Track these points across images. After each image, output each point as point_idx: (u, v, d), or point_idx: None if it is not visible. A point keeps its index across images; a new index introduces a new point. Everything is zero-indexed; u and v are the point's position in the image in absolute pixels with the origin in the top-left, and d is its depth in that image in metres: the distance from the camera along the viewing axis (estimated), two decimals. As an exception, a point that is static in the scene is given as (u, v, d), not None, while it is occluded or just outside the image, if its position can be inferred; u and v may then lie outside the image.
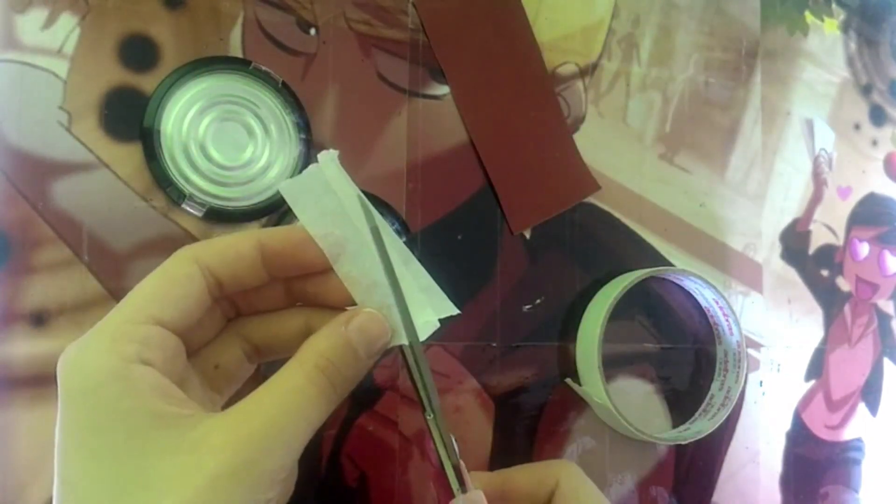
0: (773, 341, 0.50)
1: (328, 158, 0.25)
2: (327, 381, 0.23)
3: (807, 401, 0.50)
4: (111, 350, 0.22)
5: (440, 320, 0.26)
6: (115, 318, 0.23)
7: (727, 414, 0.45)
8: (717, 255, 0.48)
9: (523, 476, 0.32)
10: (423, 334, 0.25)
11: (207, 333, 0.27)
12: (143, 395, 0.21)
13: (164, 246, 0.37)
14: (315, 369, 0.23)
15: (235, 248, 0.25)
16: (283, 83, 0.39)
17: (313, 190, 0.25)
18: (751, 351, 0.49)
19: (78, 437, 0.21)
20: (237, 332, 0.27)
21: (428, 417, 0.26)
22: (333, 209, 0.25)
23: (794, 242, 0.51)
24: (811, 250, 0.51)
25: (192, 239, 0.38)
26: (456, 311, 0.26)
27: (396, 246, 0.26)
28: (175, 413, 0.22)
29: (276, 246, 0.25)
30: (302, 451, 0.23)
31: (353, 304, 0.26)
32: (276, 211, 0.39)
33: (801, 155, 0.52)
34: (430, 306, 0.26)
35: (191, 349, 0.26)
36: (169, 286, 0.24)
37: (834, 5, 0.53)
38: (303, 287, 0.26)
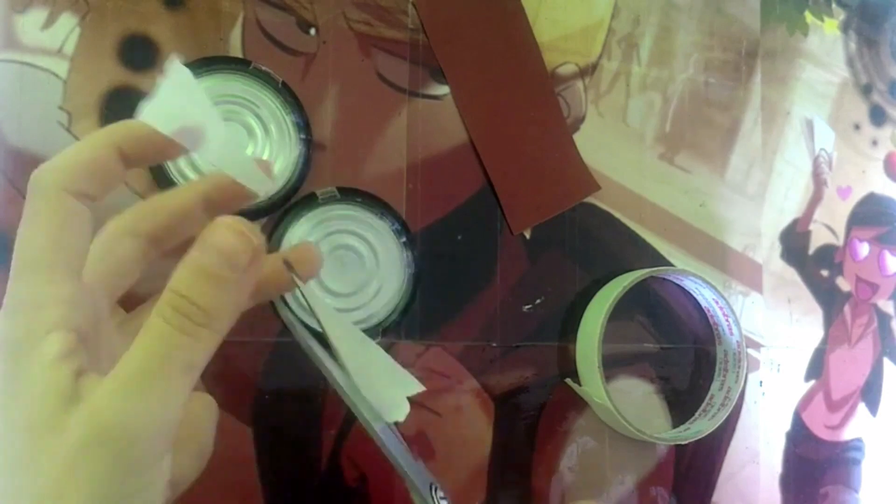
0: (773, 341, 0.50)
1: (176, 67, 0.23)
2: (182, 317, 0.21)
3: (807, 401, 0.50)
4: (25, 311, 0.21)
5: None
6: (34, 279, 0.22)
7: (727, 414, 0.45)
8: (717, 255, 0.48)
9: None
10: (399, 416, 0.25)
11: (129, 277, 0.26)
12: (50, 366, 0.21)
13: (164, 246, 0.37)
14: (168, 308, 0.21)
15: (89, 156, 0.24)
16: (283, 83, 0.39)
17: (175, 104, 0.24)
18: (751, 351, 0.49)
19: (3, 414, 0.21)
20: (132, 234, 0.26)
21: (414, 498, 0.26)
22: (199, 114, 0.24)
23: (793, 242, 0.51)
24: (811, 250, 0.51)
25: (192, 239, 0.38)
26: (422, 389, 0.25)
27: (350, 335, 0.25)
28: (75, 385, 0.21)
29: (130, 144, 0.24)
30: (182, 402, 0.21)
31: None
32: (275, 211, 0.39)
33: (801, 155, 0.52)
34: (397, 388, 0.25)
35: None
36: (59, 231, 0.23)
37: (834, 5, 0.53)
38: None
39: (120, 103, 0.37)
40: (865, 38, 0.54)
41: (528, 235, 0.44)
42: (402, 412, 0.25)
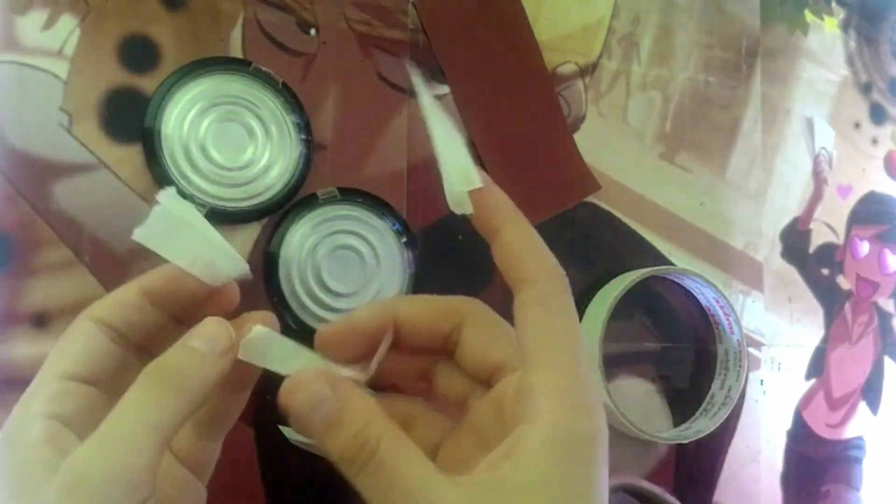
0: (774, 340, 0.50)
1: (168, 196, 0.26)
2: (154, 378, 0.24)
3: (808, 399, 0.50)
4: (20, 409, 0.25)
5: None
6: (34, 381, 0.26)
7: (728, 413, 0.45)
8: (718, 254, 0.48)
9: (418, 308, 0.28)
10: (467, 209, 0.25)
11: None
12: (34, 446, 0.24)
13: (165, 247, 0.37)
14: (144, 374, 0.24)
15: (120, 298, 0.27)
16: (284, 84, 0.39)
17: (166, 227, 0.27)
18: (751, 350, 0.49)
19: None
20: None
21: None
22: (191, 238, 0.27)
23: (794, 241, 0.51)
24: (811, 249, 0.51)
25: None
26: (481, 184, 0.25)
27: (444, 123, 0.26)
28: (57, 459, 0.23)
29: (155, 285, 0.27)
30: (151, 459, 0.24)
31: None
32: (276, 211, 0.39)
33: (801, 154, 0.52)
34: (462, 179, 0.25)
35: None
36: (71, 344, 0.26)
37: (833, 4, 0.53)
38: (198, 315, 0.28)
39: (120, 104, 0.37)
40: (865, 37, 0.54)
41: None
42: (468, 205, 0.25)
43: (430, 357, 0.28)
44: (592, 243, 0.45)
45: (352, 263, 0.40)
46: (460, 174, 0.25)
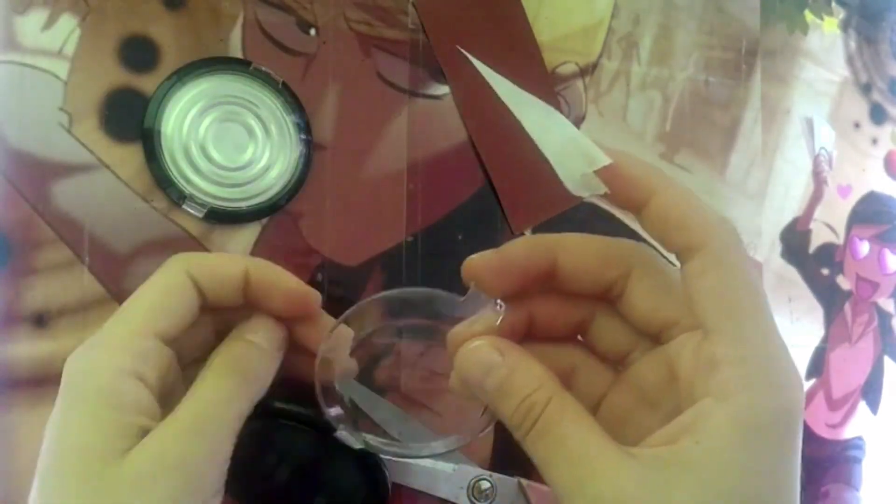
0: (774, 340, 0.50)
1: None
2: (236, 372, 0.25)
3: (807, 399, 0.50)
4: (109, 361, 0.24)
5: None
6: (118, 328, 0.25)
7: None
8: (718, 254, 0.48)
9: (582, 249, 0.25)
10: (599, 188, 0.23)
11: (196, 343, 0.28)
12: (124, 409, 0.23)
13: (165, 247, 0.37)
14: (223, 365, 0.25)
15: (226, 267, 0.27)
16: (284, 84, 0.39)
17: None
18: (751, 350, 0.49)
19: (60, 436, 0.23)
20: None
21: None
22: None
23: (794, 241, 0.51)
24: (811, 249, 0.51)
25: (192, 239, 0.38)
26: (609, 161, 0.23)
27: (532, 106, 0.25)
28: (139, 433, 0.23)
29: (259, 276, 0.27)
30: (232, 445, 0.24)
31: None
32: (276, 211, 0.39)
33: (801, 153, 0.52)
34: (584, 161, 0.23)
35: (182, 360, 0.27)
36: (165, 297, 0.25)
37: (833, 4, 0.53)
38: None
39: (120, 104, 0.37)
40: (865, 37, 0.54)
41: (528, 235, 0.44)
42: (598, 185, 0.23)
43: (591, 305, 0.25)
44: (592, 243, 0.45)
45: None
46: (580, 157, 0.23)
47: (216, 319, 0.29)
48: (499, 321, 0.24)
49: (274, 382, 0.28)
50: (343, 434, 0.29)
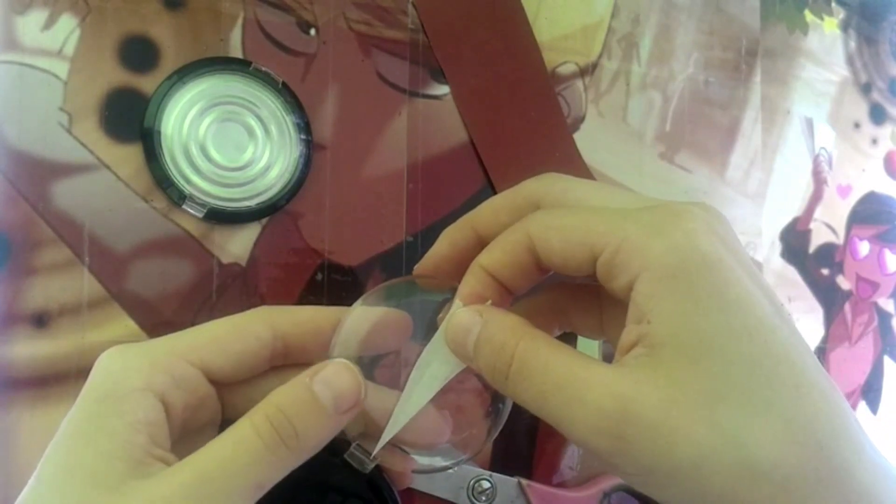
0: (774, 340, 0.50)
1: None
2: (275, 433, 0.22)
3: (807, 399, 0.50)
4: (142, 372, 0.22)
5: None
6: (167, 344, 0.23)
7: (728, 413, 0.45)
8: (718, 254, 0.48)
9: (489, 215, 0.27)
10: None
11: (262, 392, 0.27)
12: (134, 427, 0.21)
13: (165, 247, 0.37)
14: (264, 420, 0.22)
15: (315, 322, 0.25)
16: (284, 84, 0.39)
17: None
18: (751, 350, 0.49)
19: (71, 432, 0.22)
20: None
21: None
22: None
23: (794, 241, 0.51)
24: (811, 249, 0.51)
25: (192, 239, 0.38)
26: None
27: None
28: (146, 459, 0.21)
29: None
30: None
31: None
32: (276, 211, 0.39)
33: (801, 154, 0.52)
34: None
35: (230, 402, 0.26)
36: (232, 338, 0.24)
37: (833, 4, 0.53)
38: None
39: (120, 104, 0.37)
40: (865, 37, 0.54)
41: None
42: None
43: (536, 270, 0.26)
44: (592, 243, 0.45)
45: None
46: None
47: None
48: (453, 309, 0.25)
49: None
50: (355, 454, 0.27)
